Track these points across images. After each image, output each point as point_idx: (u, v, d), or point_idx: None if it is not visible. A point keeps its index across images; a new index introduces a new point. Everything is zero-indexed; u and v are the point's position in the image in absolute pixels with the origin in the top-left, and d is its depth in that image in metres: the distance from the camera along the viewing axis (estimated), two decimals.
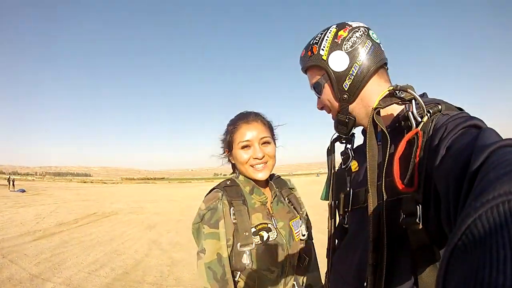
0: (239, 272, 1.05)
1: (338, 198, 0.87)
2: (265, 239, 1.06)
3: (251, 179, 1.15)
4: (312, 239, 1.29)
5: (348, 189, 0.84)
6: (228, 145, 1.17)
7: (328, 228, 0.92)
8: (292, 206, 1.25)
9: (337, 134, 0.91)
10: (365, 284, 0.65)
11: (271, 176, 1.29)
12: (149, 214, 10.53)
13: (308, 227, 1.26)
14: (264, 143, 1.13)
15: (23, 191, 23.64)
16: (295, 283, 1.17)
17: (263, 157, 1.11)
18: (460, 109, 0.66)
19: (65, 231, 7.13)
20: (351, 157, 0.89)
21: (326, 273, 0.92)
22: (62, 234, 6.76)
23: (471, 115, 0.60)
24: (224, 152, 1.22)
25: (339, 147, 0.95)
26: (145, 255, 5.10)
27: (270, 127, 1.20)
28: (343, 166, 0.92)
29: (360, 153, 0.87)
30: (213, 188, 1.14)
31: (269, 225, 1.10)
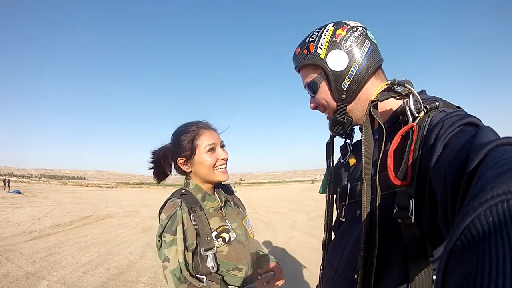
0: (205, 277, 1.05)
1: (336, 191, 0.88)
2: (227, 240, 1.10)
3: (208, 183, 1.18)
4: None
5: (346, 182, 0.83)
6: (190, 151, 1.14)
7: (324, 221, 0.92)
8: (239, 208, 1.31)
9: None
10: (355, 276, 0.65)
11: (216, 183, 1.27)
12: (144, 218, 10.47)
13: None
14: (223, 146, 1.19)
15: (19, 192, 23.47)
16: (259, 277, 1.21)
17: (227, 158, 1.17)
18: (458, 107, 0.65)
19: (61, 232, 7.15)
20: (349, 151, 0.89)
21: (321, 264, 0.92)
22: (57, 235, 6.78)
23: (468, 113, 0.60)
24: (176, 164, 1.19)
25: (339, 142, 0.94)
26: (140, 256, 5.14)
27: None
28: (341, 160, 0.91)
29: (358, 148, 0.86)
30: (169, 198, 1.13)
31: (227, 227, 1.14)
